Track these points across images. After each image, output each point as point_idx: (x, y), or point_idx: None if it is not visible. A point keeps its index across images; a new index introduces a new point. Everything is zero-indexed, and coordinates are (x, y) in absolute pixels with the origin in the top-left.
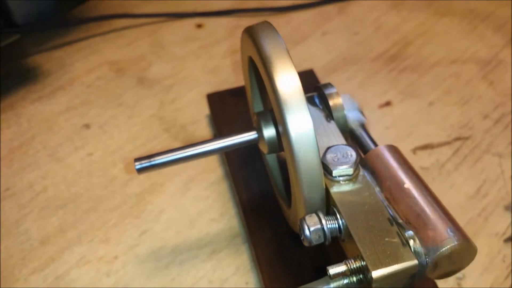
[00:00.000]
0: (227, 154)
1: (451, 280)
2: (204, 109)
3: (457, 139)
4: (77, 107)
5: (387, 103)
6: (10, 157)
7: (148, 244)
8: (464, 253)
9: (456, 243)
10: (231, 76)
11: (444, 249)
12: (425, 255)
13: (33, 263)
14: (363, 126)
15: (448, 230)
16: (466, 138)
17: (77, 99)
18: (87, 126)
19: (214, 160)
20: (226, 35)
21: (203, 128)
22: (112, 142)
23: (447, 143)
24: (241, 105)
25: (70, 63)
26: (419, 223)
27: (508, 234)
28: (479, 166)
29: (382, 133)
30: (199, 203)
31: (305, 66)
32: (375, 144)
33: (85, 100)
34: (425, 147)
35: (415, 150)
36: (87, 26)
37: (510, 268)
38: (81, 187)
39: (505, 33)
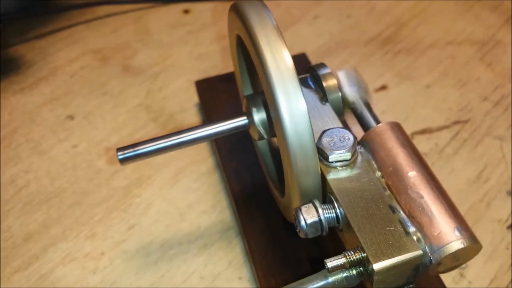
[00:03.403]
0: (217, 143)
1: (453, 271)
2: (192, 97)
3: (456, 122)
4: (60, 98)
5: (383, 87)
6: None
7: (136, 239)
8: (469, 251)
9: (463, 243)
10: (220, 62)
11: (449, 250)
12: (430, 253)
13: (16, 262)
14: (365, 102)
15: (455, 229)
16: (465, 122)
17: (60, 90)
18: (71, 117)
19: (204, 150)
20: (214, 20)
21: (192, 116)
22: (97, 133)
23: (445, 127)
24: (231, 91)
25: (52, 53)
26: (423, 219)
27: (511, 221)
28: (479, 150)
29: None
30: (189, 195)
31: (296, 51)
32: (377, 121)
33: (68, 90)
34: (423, 131)
35: (413, 135)
36: (69, 14)
37: None
38: (65, 180)
39: (502, 12)
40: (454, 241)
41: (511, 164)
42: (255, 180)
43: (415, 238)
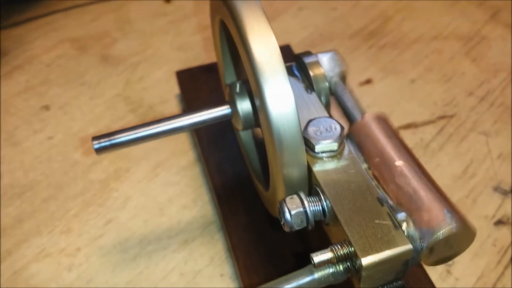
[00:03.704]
0: (198, 134)
1: (440, 267)
2: (173, 88)
3: (441, 117)
4: (36, 87)
5: (368, 81)
6: None
7: (113, 234)
8: (462, 237)
9: (454, 225)
10: (201, 52)
11: (441, 232)
12: (420, 239)
13: None
14: (343, 78)
15: (445, 212)
16: (451, 117)
17: (36, 79)
18: (46, 107)
19: (185, 142)
20: (196, 10)
21: (173, 108)
22: (74, 124)
23: (431, 122)
24: (213, 82)
25: (29, 41)
26: (412, 205)
27: (498, 217)
28: (465, 146)
29: None
30: (169, 189)
31: (281, 42)
32: (362, 113)
33: (44, 80)
34: (408, 126)
35: (398, 130)
36: (48, 2)
37: (501, 253)
38: (40, 173)
39: (487, 8)
40: (445, 225)
41: (498, 159)
42: (237, 173)
43: (404, 225)
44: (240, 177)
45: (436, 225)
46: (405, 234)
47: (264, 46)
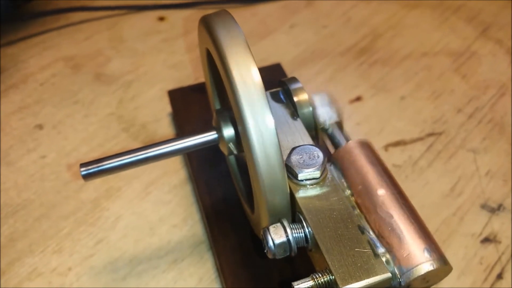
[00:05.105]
0: (189, 154)
1: None
2: (166, 107)
3: (430, 134)
4: (30, 106)
5: (358, 98)
6: None
7: (104, 254)
8: (439, 272)
9: (432, 263)
10: (195, 71)
11: (419, 271)
12: (399, 275)
13: None
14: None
15: (424, 250)
16: (440, 134)
17: (30, 98)
18: (40, 126)
19: (176, 161)
20: (189, 28)
21: (165, 127)
22: (67, 143)
23: (420, 139)
24: (205, 102)
25: (23, 60)
26: (392, 240)
27: (484, 235)
28: (453, 163)
29: (353, 130)
30: (160, 208)
31: (272, 60)
32: (347, 139)
33: (38, 99)
34: (397, 143)
35: (387, 147)
36: (42, 20)
37: (488, 271)
38: (33, 192)
39: (477, 24)
40: (423, 263)
41: (485, 177)
42: (227, 193)
43: (384, 259)
44: (230, 198)
45: (415, 265)
46: (385, 262)
47: (245, 78)
